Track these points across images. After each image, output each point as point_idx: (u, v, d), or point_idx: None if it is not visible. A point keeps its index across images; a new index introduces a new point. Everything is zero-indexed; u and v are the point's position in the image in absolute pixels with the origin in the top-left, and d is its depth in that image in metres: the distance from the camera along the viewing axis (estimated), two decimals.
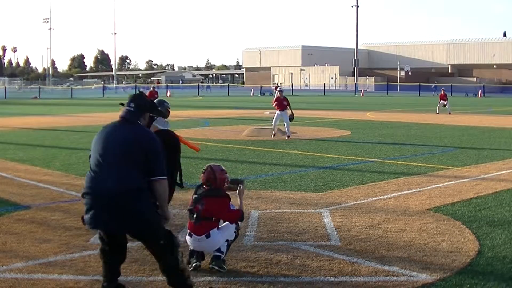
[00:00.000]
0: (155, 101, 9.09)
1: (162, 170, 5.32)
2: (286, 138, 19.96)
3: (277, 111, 20.45)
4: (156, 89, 37.43)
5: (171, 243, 5.37)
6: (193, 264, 6.34)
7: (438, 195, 10.37)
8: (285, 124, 20.30)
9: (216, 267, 6.24)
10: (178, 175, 8.25)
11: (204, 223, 6.35)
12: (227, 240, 6.43)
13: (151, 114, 5.74)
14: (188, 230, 6.51)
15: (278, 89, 21.65)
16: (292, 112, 20.54)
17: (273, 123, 20.64)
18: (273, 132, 20.48)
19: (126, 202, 5.12)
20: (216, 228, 6.42)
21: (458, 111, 36.11)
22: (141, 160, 5.20)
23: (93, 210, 5.20)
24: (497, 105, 46.64)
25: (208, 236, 6.33)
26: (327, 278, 6.11)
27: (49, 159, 15.20)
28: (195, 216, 6.38)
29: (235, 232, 6.54)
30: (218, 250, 6.33)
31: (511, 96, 69.12)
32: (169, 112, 8.92)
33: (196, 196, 6.53)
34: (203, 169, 6.61)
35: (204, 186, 6.56)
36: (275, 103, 20.67)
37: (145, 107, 5.56)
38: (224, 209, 6.43)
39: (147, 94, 34.87)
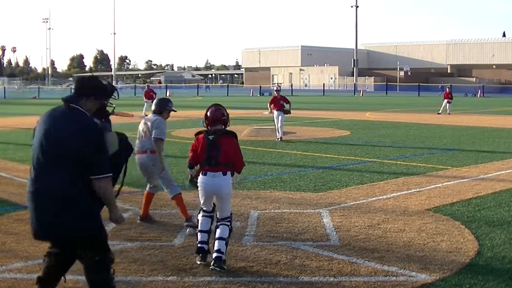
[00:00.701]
0: (158, 99, 8.97)
1: (102, 166, 4.63)
2: (277, 139, 19.21)
3: (275, 111, 19.46)
4: (151, 88, 36.47)
5: (107, 260, 4.83)
6: (198, 262, 6.45)
7: (437, 195, 10.38)
8: (279, 124, 19.24)
9: (217, 268, 6.26)
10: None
11: (221, 167, 6.49)
12: (224, 239, 6.46)
13: (107, 102, 4.98)
14: (202, 171, 6.54)
15: (275, 88, 20.56)
16: (289, 109, 19.54)
17: (276, 126, 19.55)
18: (278, 136, 19.38)
19: (65, 208, 4.57)
20: (231, 174, 6.56)
21: (457, 111, 36.13)
22: (81, 156, 4.57)
23: (35, 215, 4.67)
24: (497, 105, 46.67)
25: (225, 174, 6.50)
26: (327, 278, 6.11)
27: None
28: (213, 162, 6.46)
29: (228, 226, 6.60)
30: (219, 251, 6.34)
31: (511, 96, 69.15)
32: (168, 111, 8.71)
33: (213, 136, 6.52)
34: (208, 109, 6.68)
35: (210, 125, 6.62)
36: (271, 104, 19.70)
37: (84, 89, 4.81)
38: (238, 151, 6.64)
39: (143, 93, 34.61)
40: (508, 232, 7.91)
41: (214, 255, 6.35)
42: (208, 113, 6.65)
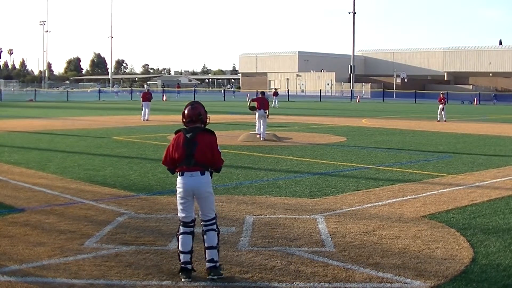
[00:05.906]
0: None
1: None
2: (261, 138, 21.29)
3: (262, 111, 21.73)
4: (150, 90, 36.58)
5: None
6: (183, 280, 6.20)
7: (433, 202, 10.39)
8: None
9: (215, 277, 6.19)
10: None
11: (199, 167, 6.33)
12: (215, 248, 6.30)
13: None
14: (179, 172, 6.39)
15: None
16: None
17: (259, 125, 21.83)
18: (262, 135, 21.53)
19: None
20: (209, 172, 6.41)
21: (453, 119, 36.21)
22: None
23: None
24: (493, 113, 46.78)
25: (203, 173, 6.34)
26: (321, 284, 6.10)
27: (44, 162, 15.18)
28: (191, 162, 6.31)
29: (216, 231, 6.36)
30: (212, 260, 6.25)
31: (507, 104, 69.34)
32: None
33: (190, 134, 6.45)
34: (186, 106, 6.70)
35: (188, 124, 6.56)
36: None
37: None
38: (216, 148, 6.45)
39: (141, 95, 34.75)
40: (503, 240, 7.92)
41: (209, 265, 6.26)
42: (188, 110, 6.60)
